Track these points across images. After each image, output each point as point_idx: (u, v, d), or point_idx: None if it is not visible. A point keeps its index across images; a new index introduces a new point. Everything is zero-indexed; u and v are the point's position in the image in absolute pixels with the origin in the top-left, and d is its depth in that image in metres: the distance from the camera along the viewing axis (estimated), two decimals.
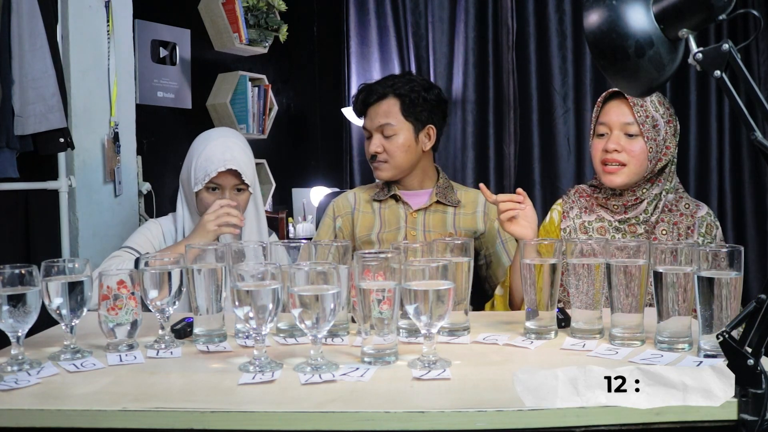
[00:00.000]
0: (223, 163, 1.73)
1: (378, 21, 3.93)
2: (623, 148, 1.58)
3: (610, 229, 1.63)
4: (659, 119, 1.57)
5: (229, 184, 1.76)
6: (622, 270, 1.16)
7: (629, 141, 1.58)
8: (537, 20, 3.66)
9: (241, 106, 3.53)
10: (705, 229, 1.60)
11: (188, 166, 1.79)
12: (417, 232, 1.87)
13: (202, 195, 1.76)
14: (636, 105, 1.57)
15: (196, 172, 1.75)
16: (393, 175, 1.90)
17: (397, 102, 1.87)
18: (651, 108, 1.57)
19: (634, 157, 1.57)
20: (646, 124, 1.56)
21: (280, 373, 1.04)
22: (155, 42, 3.18)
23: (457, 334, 1.26)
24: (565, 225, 1.69)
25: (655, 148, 1.57)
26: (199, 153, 1.76)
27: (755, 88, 0.90)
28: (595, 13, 1.02)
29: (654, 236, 1.60)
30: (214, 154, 1.74)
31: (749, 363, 0.88)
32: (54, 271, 1.13)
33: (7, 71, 2.06)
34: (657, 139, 1.57)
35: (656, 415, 0.89)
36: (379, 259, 1.08)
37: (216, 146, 1.75)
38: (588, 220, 1.66)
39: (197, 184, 1.74)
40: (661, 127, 1.57)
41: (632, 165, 1.57)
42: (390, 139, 1.87)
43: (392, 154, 1.87)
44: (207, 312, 1.24)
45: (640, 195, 1.61)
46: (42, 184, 2.33)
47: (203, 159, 1.74)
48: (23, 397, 0.97)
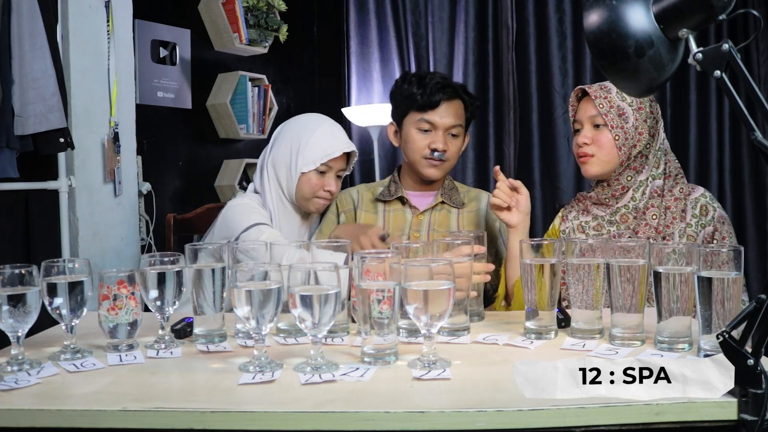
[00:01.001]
0: (347, 144, 1.79)
1: (378, 21, 3.93)
2: (592, 140, 1.64)
3: (605, 224, 1.67)
4: (626, 107, 1.61)
5: (338, 167, 1.80)
6: (622, 270, 1.16)
7: (597, 132, 1.64)
8: (537, 20, 3.66)
9: (241, 106, 3.53)
10: (699, 210, 1.61)
11: (293, 146, 1.78)
12: (421, 234, 1.86)
13: (309, 176, 1.76)
14: (599, 98, 1.63)
15: (307, 153, 1.75)
16: (443, 176, 1.90)
17: (461, 104, 1.87)
18: (616, 98, 1.62)
19: (602, 147, 1.63)
20: (610, 114, 1.61)
21: (280, 373, 1.04)
22: (155, 42, 3.18)
23: (457, 334, 1.26)
24: (564, 227, 1.73)
25: (623, 136, 1.61)
26: (311, 134, 1.76)
27: (755, 88, 0.90)
28: (595, 13, 1.02)
29: (645, 222, 1.61)
30: (332, 135, 1.78)
31: (749, 363, 0.88)
32: (54, 271, 1.13)
33: (7, 71, 2.07)
34: (625, 126, 1.61)
35: (656, 415, 0.89)
36: (379, 259, 1.08)
37: (331, 128, 1.81)
38: (585, 221, 1.70)
39: (309, 164, 1.75)
40: (629, 115, 1.61)
41: (601, 154, 1.63)
42: (453, 141, 1.85)
43: (452, 155, 1.86)
44: (213, 308, 1.24)
45: (625, 183, 1.64)
46: (42, 184, 2.33)
47: (319, 139, 1.76)
48: (23, 397, 0.97)
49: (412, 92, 1.84)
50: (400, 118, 1.90)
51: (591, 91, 1.64)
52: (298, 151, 1.77)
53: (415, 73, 1.90)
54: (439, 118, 1.83)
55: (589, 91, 1.65)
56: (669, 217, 1.61)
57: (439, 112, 1.83)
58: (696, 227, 1.59)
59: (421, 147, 1.84)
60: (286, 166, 1.78)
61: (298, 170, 1.76)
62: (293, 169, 1.77)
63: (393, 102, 1.94)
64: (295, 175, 1.77)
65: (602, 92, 1.63)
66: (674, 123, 3.49)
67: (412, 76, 1.88)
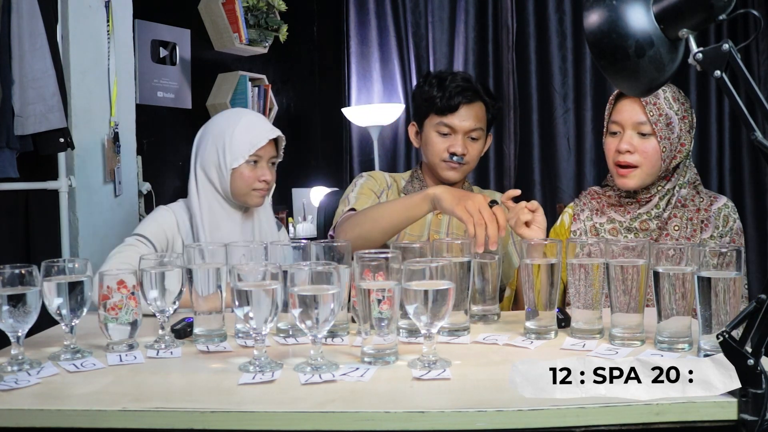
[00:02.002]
0: (271, 131, 1.76)
1: (378, 21, 3.93)
2: (636, 149, 1.53)
3: (622, 230, 1.60)
4: (673, 116, 1.53)
5: (268, 155, 1.77)
6: (622, 270, 1.16)
7: (642, 141, 1.53)
8: (537, 20, 3.66)
9: (241, 106, 3.52)
10: (722, 221, 1.55)
11: (218, 145, 1.74)
12: (440, 234, 1.85)
13: (241, 170, 1.73)
14: (649, 104, 1.52)
15: (234, 147, 1.72)
16: (462, 178, 1.88)
17: (482, 107, 1.85)
18: (665, 105, 1.52)
19: (647, 158, 1.53)
20: (659, 123, 1.52)
21: (280, 373, 1.04)
22: (155, 42, 3.18)
23: (457, 334, 1.26)
24: (576, 227, 1.67)
25: (669, 147, 1.53)
26: (234, 128, 1.73)
27: (755, 88, 0.90)
28: (595, 13, 1.02)
29: (666, 232, 1.56)
30: (254, 126, 1.75)
31: (749, 363, 0.88)
32: (54, 271, 1.12)
33: (7, 71, 2.07)
34: (671, 137, 1.53)
35: (656, 415, 0.89)
36: (379, 259, 1.08)
37: (252, 118, 1.78)
38: (599, 222, 1.63)
39: (238, 159, 1.72)
40: (675, 125, 1.53)
41: (645, 166, 1.53)
42: (473, 144, 1.83)
43: (472, 158, 1.84)
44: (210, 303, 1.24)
45: (654, 192, 1.58)
46: (42, 184, 2.33)
47: (242, 132, 1.73)
48: (23, 397, 0.97)
49: (432, 95, 1.81)
50: (421, 120, 1.88)
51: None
52: (224, 148, 1.73)
53: (436, 75, 1.86)
54: (459, 122, 1.81)
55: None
56: (690, 229, 1.55)
57: (459, 116, 1.81)
58: (717, 238, 1.55)
59: (441, 150, 1.82)
60: (215, 166, 1.74)
61: (229, 167, 1.72)
62: (223, 168, 1.73)
63: (414, 103, 1.93)
64: (226, 173, 1.73)
65: (652, 97, 1.51)
66: None
67: (432, 78, 1.85)
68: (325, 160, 4.28)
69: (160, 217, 1.77)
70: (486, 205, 1.37)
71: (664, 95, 1.54)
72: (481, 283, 1.37)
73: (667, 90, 1.54)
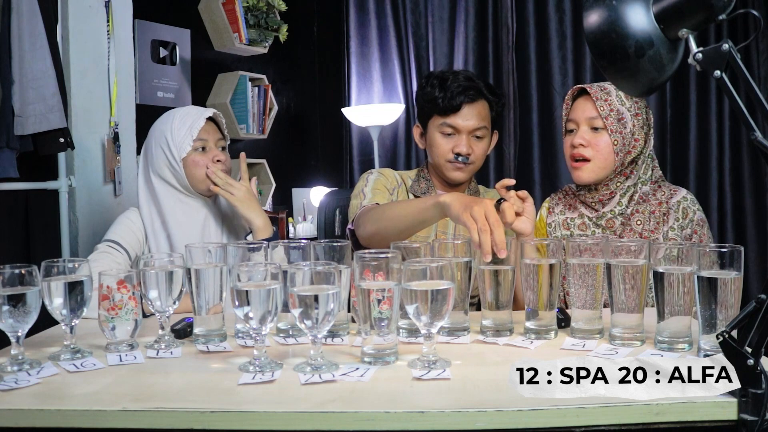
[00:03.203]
0: (205, 111, 1.74)
1: (378, 21, 3.93)
2: (589, 143, 1.61)
3: (590, 224, 1.67)
4: (625, 112, 1.59)
5: (213, 138, 1.75)
6: (622, 270, 1.16)
7: (594, 135, 1.61)
8: (537, 20, 3.66)
9: (241, 106, 3.53)
10: (681, 213, 1.62)
11: (162, 144, 1.72)
12: (447, 235, 1.85)
13: (191, 158, 1.71)
14: (599, 99, 1.60)
15: (177, 139, 1.70)
16: (468, 178, 1.87)
17: (486, 105, 1.84)
18: (616, 102, 1.59)
19: (599, 152, 1.60)
20: (610, 118, 1.59)
21: (280, 373, 1.04)
22: (155, 42, 3.18)
23: (457, 334, 1.26)
24: (551, 220, 1.73)
25: (621, 141, 1.59)
26: (170, 123, 1.72)
27: (755, 88, 0.90)
28: (595, 13, 1.02)
29: (630, 227, 1.62)
30: (189, 113, 1.74)
31: (749, 363, 0.88)
32: (54, 271, 1.13)
33: (7, 71, 2.06)
34: (623, 131, 1.59)
35: (656, 415, 0.89)
36: (379, 259, 1.08)
37: (186, 109, 1.76)
38: (570, 217, 1.70)
39: (184, 147, 1.70)
40: (628, 120, 1.59)
41: (598, 160, 1.60)
42: (477, 143, 1.83)
43: (477, 157, 1.83)
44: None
45: (614, 189, 1.64)
46: (42, 184, 2.33)
47: (180, 123, 1.72)
48: (23, 397, 0.97)
49: (434, 96, 1.81)
50: (425, 121, 1.88)
51: (592, 91, 1.62)
52: (168, 145, 1.71)
53: (438, 75, 1.85)
54: (462, 122, 1.80)
55: (589, 91, 1.62)
56: (653, 222, 1.61)
57: (462, 116, 1.80)
58: (678, 230, 1.60)
59: (445, 151, 1.82)
60: (167, 165, 1.72)
61: (178, 159, 1.70)
62: (173, 162, 1.71)
63: (417, 105, 1.92)
64: (178, 167, 1.71)
65: (603, 94, 1.61)
66: (674, 123, 3.49)
67: (434, 79, 1.84)
68: (325, 160, 4.28)
69: (128, 219, 1.75)
70: (493, 209, 1.31)
71: (616, 92, 1.61)
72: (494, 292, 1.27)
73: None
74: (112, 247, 1.68)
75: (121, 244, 1.69)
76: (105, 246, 1.68)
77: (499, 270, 1.26)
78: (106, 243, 1.69)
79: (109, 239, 1.70)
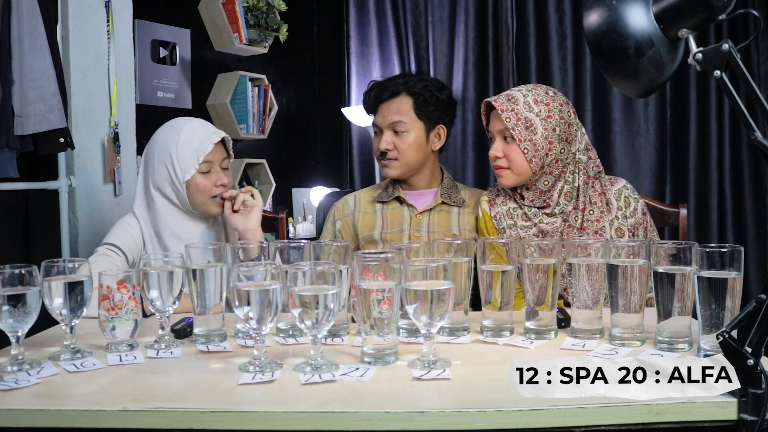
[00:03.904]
0: (214, 134, 1.71)
1: (378, 21, 3.93)
2: (504, 153, 1.65)
3: (530, 214, 1.68)
4: (534, 118, 1.61)
5: (219, 159, 1.72)
6: (622, 270, 1.16)
7: (507, 146, 1.65)
8: (537, 20, 3.66)
9: (241, 106, 3.53)
10: (623, 202, 1.65)
11: (165, 161, 1.70)
12: (421, 234, 1.86)
13: (195, 181, 1.69)
14: (506, 111, 1.62)
15: (182, 160, 1.68)
16: (401, 173, 1.89)
17: (409, 100, 1.87)
18: (523, 110, 1.61)
19: (513, 161, 1.64)
20: (518, 128, 1.61)
21: (280, 373, 1.04)
22: (155, 42, 3.18)
23: (457, 334, 1.26)
24: (495, 212, 1.73)
25: (532, 148, 1.61)
26: (177, 139, 1.69)
27: (755, 88, 0.90)
28: (595, 13, 1.03)
29: (568, 223, 1.64)
30: (197, 133, 1.70)
31: (749, 363, 0.88)
32: (54, 271, 1.13)
33: (7, 71, 2.06)
34: (533, 138, 1.61)
35: (656, 415, 0.89)
36: (379, 259, 1.08)
37: (193, 126, 1.73)
38: (512, 207, 1.71)
39: (189, 170, 1.68)
40: (538, 125, 1.61)
41: (514, 168, 1.64)
42: (401, 137, 1.86)
43: (402, 152, 1.86)
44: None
45: (543, 188, 1.65)
46: (42, 184, 2.33)
47: (186, 143, 1.68)
48: (23, 397, 0.97)
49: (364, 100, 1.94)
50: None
51: (497, 104, 1.63)
52: (172, 163, 1.69)
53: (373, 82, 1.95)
54: (381, 119, 1.89)
55: (495, 105, 1.63)
56: (597, 213, 1.64)
57: (381, 113, 1.90)
58: (622, 220, 1.64)
59: (375, 150, 1.93)
60: (169, 183, 1.70)
61: (182, 180, 1.69)
62: (177, 182, 1.69)
63: None
64: (181, 187, 1.69)
65: (509, 104, 1.62)
66: (674, 123, 3.49)
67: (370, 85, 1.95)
68: (325, 161, 4.28)
69: (127, 225, 1.74)
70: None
71: (524, 99, 1.63)
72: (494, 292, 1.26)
73: (528, 94, 1.63)
74: (111, 250, 1.69)
75: (120, 248, 1.69)
76: (104, 249, 1.69)
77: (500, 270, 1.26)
78: (106, 246, 1.70)
79: (108, 242, 1.71)
